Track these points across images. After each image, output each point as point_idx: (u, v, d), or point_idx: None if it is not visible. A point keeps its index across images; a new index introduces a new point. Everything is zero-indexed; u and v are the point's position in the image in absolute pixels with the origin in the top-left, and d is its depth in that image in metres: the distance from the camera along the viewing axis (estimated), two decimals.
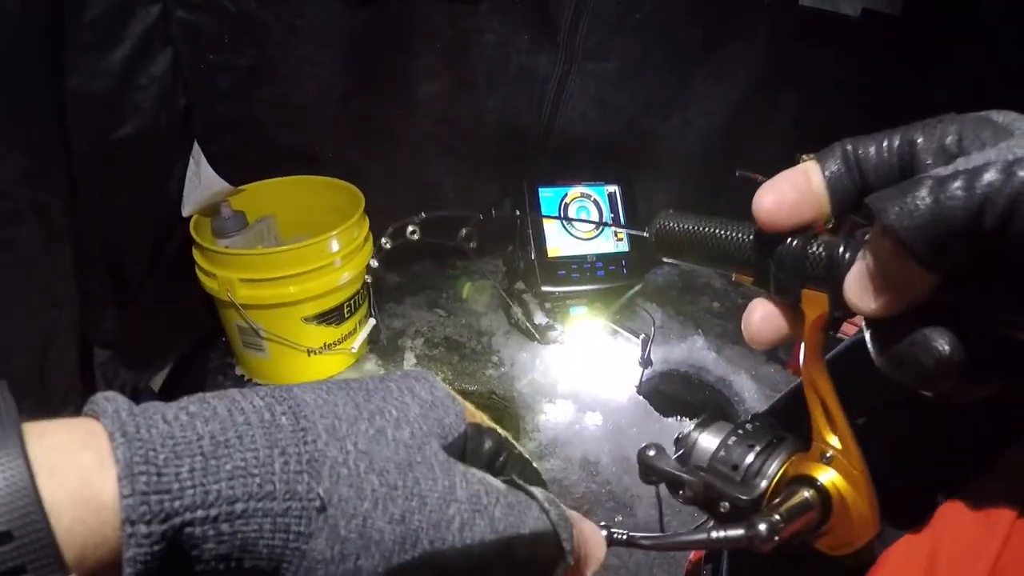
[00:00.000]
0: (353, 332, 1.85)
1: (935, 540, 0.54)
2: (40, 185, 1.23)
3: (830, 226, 0.46)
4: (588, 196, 2.06)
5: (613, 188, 2.09)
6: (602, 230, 2.04)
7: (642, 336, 1.95)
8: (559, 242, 2.02)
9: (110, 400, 0.36)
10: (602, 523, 0.48)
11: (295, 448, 0.37)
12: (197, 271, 1.67)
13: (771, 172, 0.46)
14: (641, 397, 1.84)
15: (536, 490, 0.44)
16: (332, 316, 1.75)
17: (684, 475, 0.54)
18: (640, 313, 2.12)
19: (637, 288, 2.10)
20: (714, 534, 0.47)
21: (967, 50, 2.02)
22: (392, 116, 1.90)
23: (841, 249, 0.43)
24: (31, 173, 1.20)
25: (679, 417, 1.79)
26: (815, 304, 0.46)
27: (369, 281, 1.83)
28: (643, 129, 2.15)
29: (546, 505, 0.43)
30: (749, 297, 0.52)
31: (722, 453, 0.54)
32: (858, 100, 2.08)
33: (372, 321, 1.91)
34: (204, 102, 1.65)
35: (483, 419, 0.48)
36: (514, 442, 0.49)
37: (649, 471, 0.55)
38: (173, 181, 1.64)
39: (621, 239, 2.06)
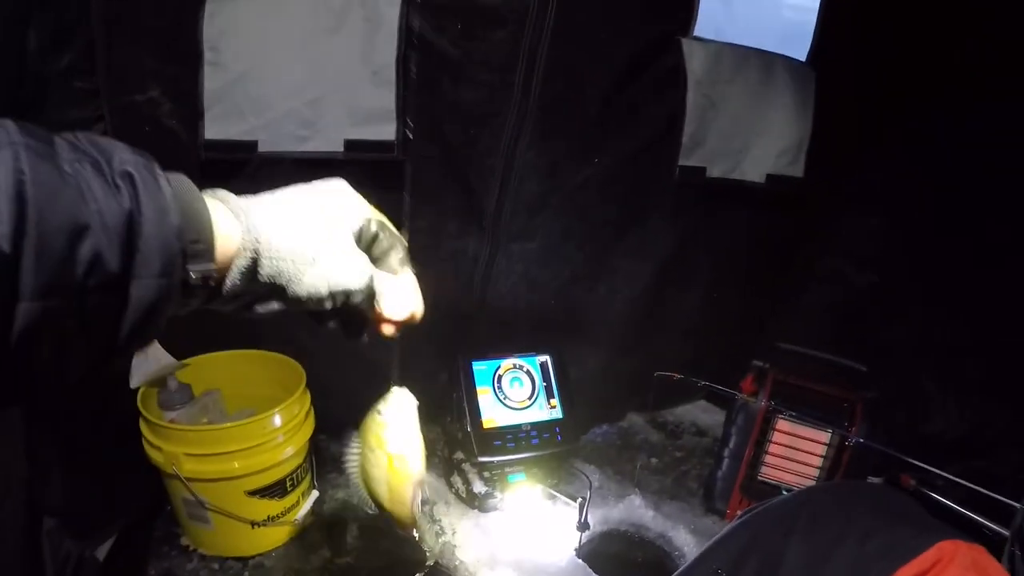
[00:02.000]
0: (296, 504, 1.87)
1: None
2: None
3: None
4: (521, 367, 2.15)
5: (544, 358, 2.19)
6: (535, 400, 2.13)
7: (579, 500, 2.00)
8: (494, 413, 2.09)
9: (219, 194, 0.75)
10: None
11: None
12: (144, 443, 1.70)
13: (693, 332, 0.54)
14: (580, 560, 1.88)
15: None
16: (275, 489, 1.78)
17: None
18: (578, 475, 2.18)
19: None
20: None
21: (863, 209, 2.24)
22: None
23: None
24: None
25: None
26: None
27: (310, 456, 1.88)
28: (569, 301, 2.28)
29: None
30: (688, 452, 0.59)
31: None
32: (767, 255, 2.27)
33: (315, 493, 1.94)
34: None
35: (384, 220, 0.85)
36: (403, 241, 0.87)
37: None
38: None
39: (554, 406, 2.14)
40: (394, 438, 1.04)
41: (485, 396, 2.10)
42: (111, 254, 0.61)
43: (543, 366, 2.18)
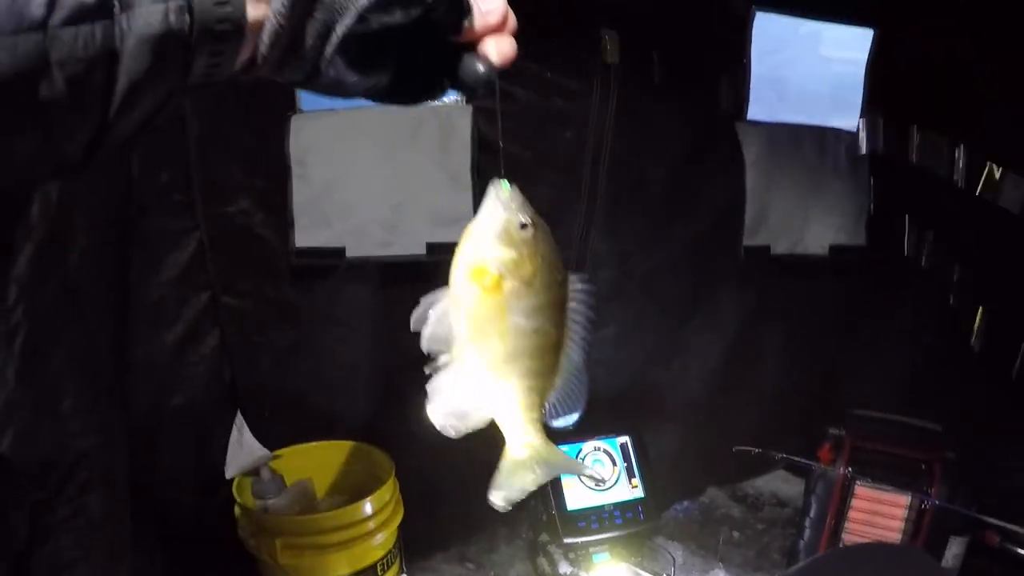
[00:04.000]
0: None
1: None
2: (107, 457, 1.41)
3: None
4: (601, 448, 2.20)
5: (624, 439, 2.22)
6: (617, 480, 2.16)
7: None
8: (577, 494, 2.13)
9: None
10: None
11: None
12: (239, 530, 1.79)
13: (768, 403, 0.57)
14: None
15: None
16: (366, 575, 1.85)
17: None
18: (662, 552, 2.19)
19: None
20: None
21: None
22: (418, 386, 2.08)
23: None
24: (100, 445, 1.38)
25: None
26: None
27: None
28: (645, 381, 2.34)
29: None
30: (769, 523, 0.62)
31: None
32: (836, 323, 2.29)
33: None
34: (247, 376, 1.85)
35: None
36: None
37: None
38: (217, 445, 1.81)
39: (636, 486, 2.17)
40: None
41: (568, 479, 2.14)
42: None
43: (623, 447, 2.22)
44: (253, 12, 0.56)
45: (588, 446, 2.19)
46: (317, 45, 0.60)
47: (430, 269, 1.01)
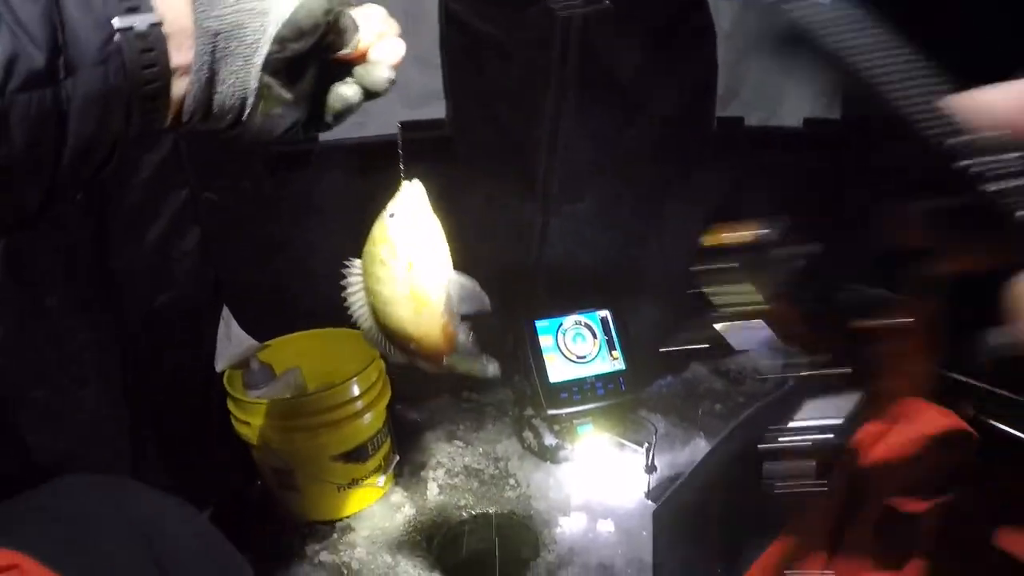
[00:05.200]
0: (379, 467, 1.99)
1: None
2: (100, 353, 1.44)
3: None
4: (582, 323, 2.25)
5: (605, 313, 2.27)
6: (598, 352, 2.22)
7: (645, 445, 2.09)
8: (559, 368, 2.19)
9: None
10: None
11: None
12: (232, 420, 1.85)
13: None
14: (650, 502, 1.97)
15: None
16: (357, 454, 1.91)
17: None
18: (644, 424, 2.27)
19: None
20: None
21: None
22: None
23: None
24: (92, 342, 1.41)
25: None
26: None
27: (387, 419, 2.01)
28: (624, 258, 2.38)
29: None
30: (749, 396, 0.65)
31: None
32: (813, 193, 2.32)
33: (396, 457, 2.06)
34: (230, 270, 1.87)
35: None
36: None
37: None
38: (208, 342, 1.85)
39: (617, 358, 2.23)
40: (410, 238, 0.92)
41: (550, 353, 2.20)
42: (31, 50, 0.56)
43: (603, 320, 2.27)
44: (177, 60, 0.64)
45: (569, 320, 2.24)
46: (239, 84, 0.69)
47: (404, 147, 1.02)
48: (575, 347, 2.22)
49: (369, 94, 0.81)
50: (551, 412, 2.14)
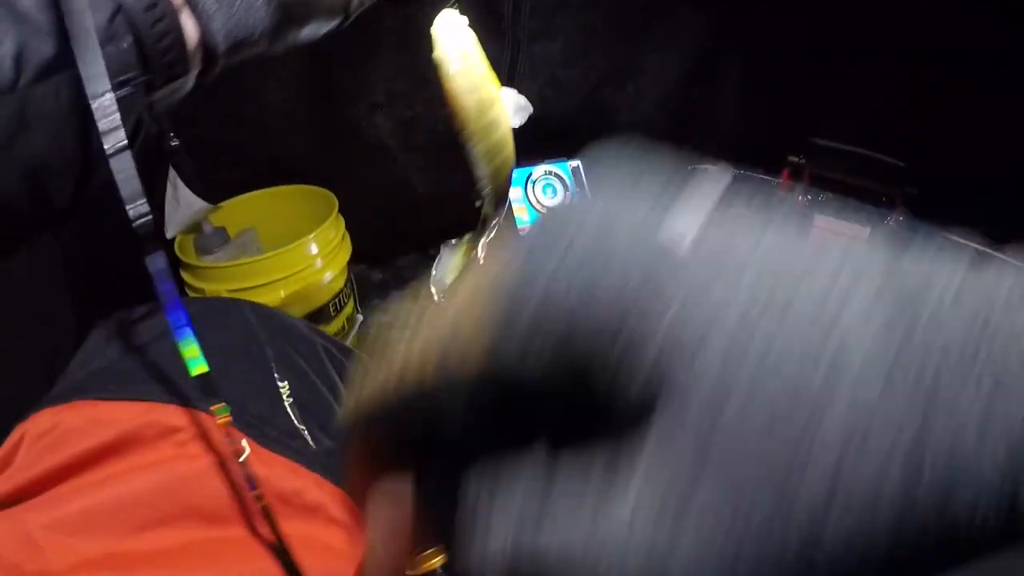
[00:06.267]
0: (343, 329, 1.93)
1: None
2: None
3: None
4: (552, 173, 2.14)
5: (576, 163, 2.16)
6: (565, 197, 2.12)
7: None
8: (526, 218, 2.09)
9: None
10: None
11: None
12: (186, 289, 1.76)
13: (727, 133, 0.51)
14: None
15: None
16: (320, 315, 1.84)
17: None
18: None
19: None
20: None
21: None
22: (357, 119, 1.98)
23: None
24: None
25: None
26: None
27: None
28: (598, 103, 2.23)
29: None
30: None
31: None
32: (799, 50, 2.18)
33: (360, 317, 1.99)
34: (174, 127, 1.73)
35: None
36: None
37: None
38: (155, 206, 1.72)
39: None
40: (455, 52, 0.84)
41: (519, 204, 2.09)
42: (38, 40, 0.54)
43: (575, 171, 2.16)
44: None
45: (538, 170, 2.12)
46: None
47: None
48: (544, 199, 2.11)
49: None
50: None
